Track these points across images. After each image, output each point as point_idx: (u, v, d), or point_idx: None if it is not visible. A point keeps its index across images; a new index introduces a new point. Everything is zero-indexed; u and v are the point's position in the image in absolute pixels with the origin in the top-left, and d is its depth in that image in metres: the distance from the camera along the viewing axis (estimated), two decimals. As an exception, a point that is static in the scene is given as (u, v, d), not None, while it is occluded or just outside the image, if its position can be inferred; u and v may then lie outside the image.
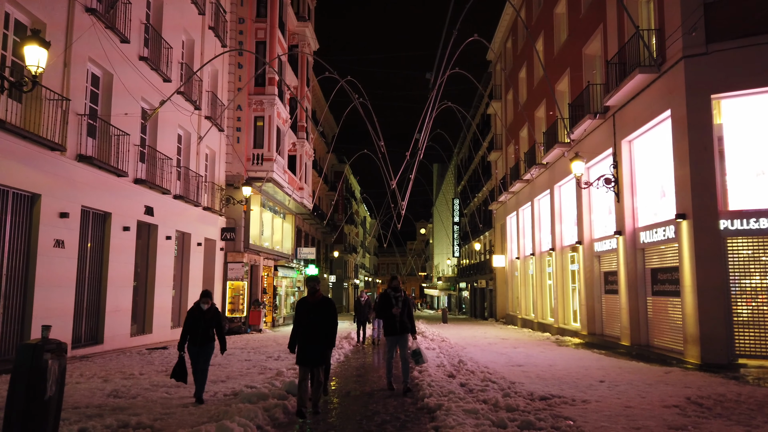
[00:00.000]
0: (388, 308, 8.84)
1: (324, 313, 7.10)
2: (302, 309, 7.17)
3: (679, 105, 12.97)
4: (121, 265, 15.30)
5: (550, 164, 23.75)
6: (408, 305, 8.96)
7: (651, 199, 15.33)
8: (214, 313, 7.81)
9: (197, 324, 7.64)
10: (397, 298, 8.91)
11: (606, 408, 7.36)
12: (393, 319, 8.80)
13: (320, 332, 7.02)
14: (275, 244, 30.39)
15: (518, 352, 15.23)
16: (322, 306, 7.13)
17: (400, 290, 9.08)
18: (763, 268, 12.12)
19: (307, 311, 7.07)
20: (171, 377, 7.70)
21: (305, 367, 7.06)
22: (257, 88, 25.40)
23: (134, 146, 15.96)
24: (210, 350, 7.81)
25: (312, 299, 7.16)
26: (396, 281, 9.21)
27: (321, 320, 7.03)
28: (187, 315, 7.80)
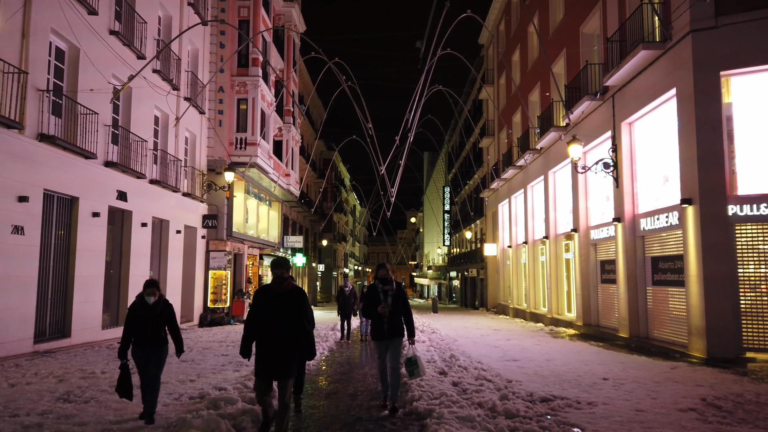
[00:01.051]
0: (375, 305, 6.91)
1: (294, 307, 5.33)
2: (263, 301, 5.36)
3: (686, 83, 12.16)
4: (92, 253, 14.32)
5: (545, 149, 22.95)
6: (402, 300, 6.98)
7: (652, 184, 14.57)
8: (164, 307, 6.29)
9: (144, 322, 6.14)
10: (386, 293, 6.93)
11: (616, 412, 6.58)
12: (380, 319, 6.88)
13: (290, 333, 5.29)
14: (261, 232, 29.43)
15: (512, 344, 14.48)
16: (292, 298, 5.36)
17: (390, 281, 7.01)
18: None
19: (271, 304, 5.30)
20: (116, 391, 6.22)
21: (266, 380, 5.26)
22: (240, 69, 24.31)
23: (104, 126, 14.92)
24: (162, 354, 6.28)
25: (279, 289, 5.37)
26: (384, 270, 7.08)
27: (291, 316, 5.29)
28: (128, 312, 6.29)
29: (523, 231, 27.54)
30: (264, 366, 5.23)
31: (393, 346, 6.95)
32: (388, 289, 6.97)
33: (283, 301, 5.32)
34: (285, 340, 5.23)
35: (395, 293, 6.95)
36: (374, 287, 7.04)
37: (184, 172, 20.74)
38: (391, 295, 6.91)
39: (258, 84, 24.05)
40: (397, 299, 6.93)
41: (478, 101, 40.39)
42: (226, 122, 23.74)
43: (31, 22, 11.94)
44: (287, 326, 5.28)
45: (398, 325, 6.94)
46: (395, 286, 7.02)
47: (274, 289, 5.37)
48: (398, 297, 6.96)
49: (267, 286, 5.47)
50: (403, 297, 7.02)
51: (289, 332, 5.28)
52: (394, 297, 6.92)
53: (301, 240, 35.94)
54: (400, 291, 7.02)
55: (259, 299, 5.40)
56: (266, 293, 5.39)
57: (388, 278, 7.02)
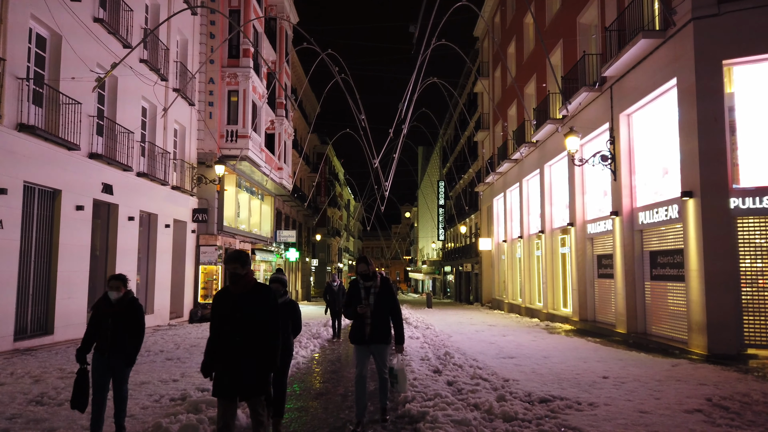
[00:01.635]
0: (355, 304, 5.97)
1: (256, 310, 4.29)
2: (220, 305, 4.38)
3: (687, 72, 11.83)
4: (75, 248, 13.89)
5: (540, 142, 22.62)
6: (387, 298, 5.98)
7: (651, 177, 14.26)
8: (128, 305, 5.38)
9: (104, 323, 5.28)
10: (369, 290, 5.96)
11: (618, 413, 6.26)
12: (361, 320, 5.93)
13: (252, 342, 4.25)
14: (253, 227, 29.02)
15: (508, 340, 14.18)
16: (254, 299, 4.32)
17: (372, 277, 6.02)
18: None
19: (229, 309, 4.30)
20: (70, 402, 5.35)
21: (230, 401, 4.25)
22: (231, 60, 23.83)
23: (88, 117, 14.46)
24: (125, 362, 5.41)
25: (236, 289, 4.34)
26: (364, 265, 6.04)
27: (252, 322, 4.27)
28: (92, 310, 5.52)
29: (518, 225, 27.24)
30: (227, 382, 4.19)
31: (377, 353, 5.97)
32: (370, 285, 5.99)
33: (244, 304, 4.29)
34: (250, 351, 4.24)
35: (380, 290, 5.98)
36: (355, 284, 6.13)
37: (173, 165, 20.29)
38: (374, 293, 5.94)
39: (249, 75, 23.58)
40: (382, 297, 5.96)
41: (473, 94, 40.01)
42: (217, 114, 23.28)
43: (9, 7, 11.46)
44: (251, 334, 4.25)
45: (383, 328, 5.94)
46: (379, 281, 6.03)
47: (231, 290, 4.36)
48: (384, 295, 5.98)
49: (225, 287, 4.47)
50: (390, 294, 6.02)
51: (254, 342, 4.24)
52: (377, 295, 5.94)
53: (294, 234, 35.53)
54: (385, 288, 6.03)
55: (217, 304, 4.42)
56: (223, 297, 4.41)
57: (369, 273, 6.01)
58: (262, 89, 25.97)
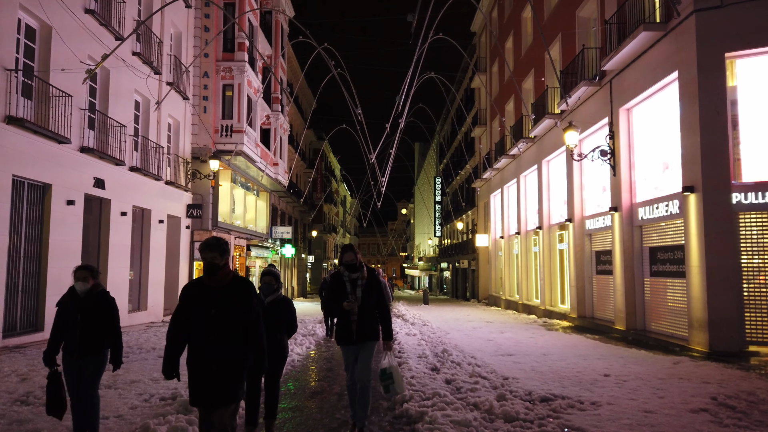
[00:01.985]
0: (340, 299, 5.38)
1: (234, 308, 3.77)
2: (191, 300, 3.81)
3: (689, 65, 11.64)
4: (66, 243, 13.63)
5: (538, 138, 22.43)
6: (376, 292, 5.43)
7: (651, 173, 14.09)
8: (99, 300, 4.77)
9: (71, 320, 4.73)
10: (355, 282, 5.41)
11: (622, 413, 6.08)
12: (347, 317, 5.36)
13: (227, 345, 3.73)
14: (248, 223, 28.77)
15: (506, 337, 14.00)
16: (232, 295, 3.79)
17: (358, 269, 5.44)
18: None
19: (203, 305, 3.76)
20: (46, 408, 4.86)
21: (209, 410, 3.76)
22: (226, 54, 23.53)
23: (80, 110, 14.18)
24: (97, 365, 4.81)
25: (212, 281, 3.79)
26: (350, 254, 5.46)
27: (229, 321, 3.74)
28: (57, 306, 4.96)
29: (515, 221, 27.08)
30: (199, 389, 3.72)
31: (364, 351, 5.37)
32: (357, 277, 5.41)
33: (220, 299, 3.75)
34: (224, 355, 3.71)
35: (367, 283, 5.40)
36: (339, 276, 5.48)
37: (166, 160, 20.02)
38: (361, 286, 5.38)
39: (244, 69, 23.30)
40: (369, 291, 5.39)
41: (470, 90, 39.79)
42: (211, 109, 22.99)
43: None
44: (227, 336, 3.72)
45: (370, 324, 5.39)
46: (366, 273, 5.45)
47: (206, 282, 3.80)
48: (371, 288, 5.41)
49: (198, 279, 3.87)
50: (377, 288, 5.46)
51: (230, 344, 3.72)
52: (365, 288, 5.38)
53: (290, 231, 35.29)
54: (373, 280, 5.44)
55: (188, 295, 3.82)
56: (197, 288, 3.83)
57: (355, 264, 5.44)
58: (257, 84, 25.69)
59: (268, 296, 5.49)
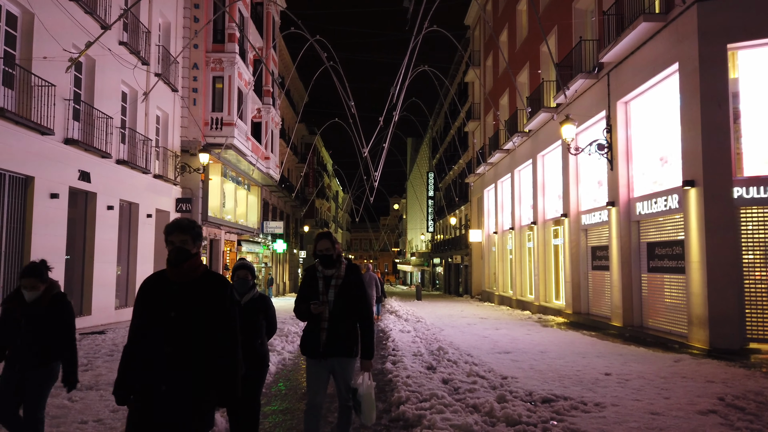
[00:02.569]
0: (309, 299, 4.32)
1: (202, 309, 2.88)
2: (149, 298, 2.95)
3: (690, 57, 11.38)
4: (49, 237, 13.21)
5: (533, 132, 22.18)
6: (353, 293, 4.33)
7: (650, 167, 13.85)
8: (51, 304, 4.10)
9: (15, 329, 4.05)
10: (329, 280, 4.33)
11: (629, 415, 5.82)
12: (315, 323, 4.30)
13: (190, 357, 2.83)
14: (239, 217, 28.35)
15: (502, 334, 13.75)
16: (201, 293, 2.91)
17: (335, 264, 4.36)
18: (781, 242, 10.77)
19: (163, 304, 2.88)
20: None
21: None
22: (216, 45, 23.07)
23: (64, 100, 13.74)
24: (44, 379, 4.12)
25: (177, 275, 2.91)
26: (326, 242, 4.33)
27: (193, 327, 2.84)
28: (0, 306, 4.32)
29: (509, 217, 26.85)
30: (144, 416, 2.78)
31: (339, 370, 4.27)
32: (331, 274, 4.33)
33: (186, 298, 2.84)
34: (181, 374, 2.76)
35: (343, 283, 4.31)
36: (312, 271, 4.41)
37: (155, 153, 19.58)
38: (336, 285, 4.29)
39: (235, 61, 22.86)
40: (345, 293, 4.28)
41: (464, 84, 39.50)
42: (201, 101, 22.54)
43: (-25, -19, 10.73)
44: (191, 345, 2.79)
45: (347, 335, 4.25)
46: (344, 269, 4.38)
47: (169, 276, 2.91)
48: (348, 289, 4.30)
49: (159, 272, 3.01)
50: (358, 288, 4.35)
51: (193, 357, 2.79)
52: (340, 288, 4.29)
53: (282, 225, 34.89)
54: (352, 277, 4.36)
55: (145, 295, 2.93)
56: (156, 285, 2.93)
57: (331, 256, 4.31)
58: (248, 76, 25.24)
59: (243, 294, 4.63)
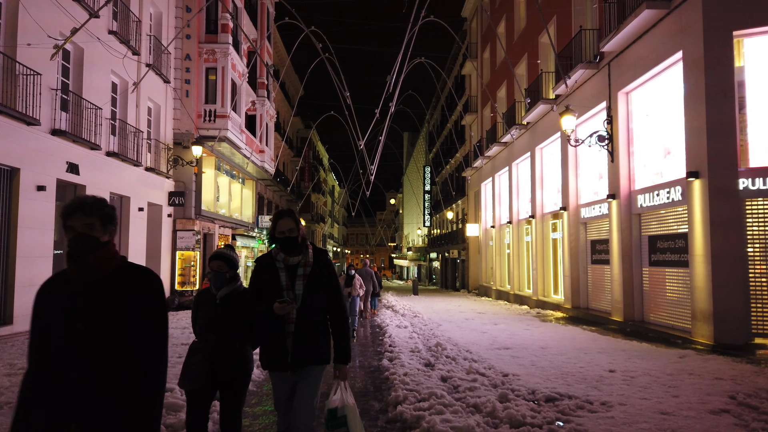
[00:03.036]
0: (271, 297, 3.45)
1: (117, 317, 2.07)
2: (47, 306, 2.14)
3: (695, 45, 11.08)
4: (37, 231, 12.85)
5: (531, 124, 21.87)
6: (329, 288, 3.55)
7: (651, 158, 13.57)
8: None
9: None
10: (293, 270, 3.49)
11: (638, 415, 5.53)
12: (279, 327, 3.44)
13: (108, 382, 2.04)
14: (233, 211, 27.99)
15: (500, 329, 13.48)
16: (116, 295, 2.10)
17: (300, 249, 3.51)
18: (787, 235, 10.50)
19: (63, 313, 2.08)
20: None
21: None
22: (209, 35, 22.64)
23: (50, 90, 13.35)
24: None
25: (82, 272, 2.12)
26: (287, 222, 3.50)
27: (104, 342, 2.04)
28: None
29: (507, 210, 26.57)
30: None
31: (303, 382, 3.42)
32: (297, 262, 3.46)
33: (92, 303, 2.09)
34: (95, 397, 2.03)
35: (312, 272, 3.47)
36: (269, 261, 3.51)
37: (146, 146, 19.18)
38: (305, 275, 3.44)
39: (228, 52, 22.43)
40: (315, 285, 3.45)
41: (461, 77, 39.13)
42: (194, 93, 22.13)
43: (-45, -36, 10.32)
44: (103, 367, 2.05)
45: (316, 339, 3.43)
46: (312, 255, 3.51)
47: (69, 275, 2.16)
48: (318, 280, 3.47)
49: (61, 272, 2.23)
50: (328, 278, 3.52)
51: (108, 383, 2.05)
52: (309, 278, 3.45)
53: (277, 220, 34.47)
54: (322, 264, 3.52)
55: (42, 304, 2.16)
56: (57, 289, 2.17)
57: (295, 240, 3.43)
58: (242, 67, 24.82)
59: (219, 289, 3.85)
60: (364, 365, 9.04)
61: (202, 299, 3.96)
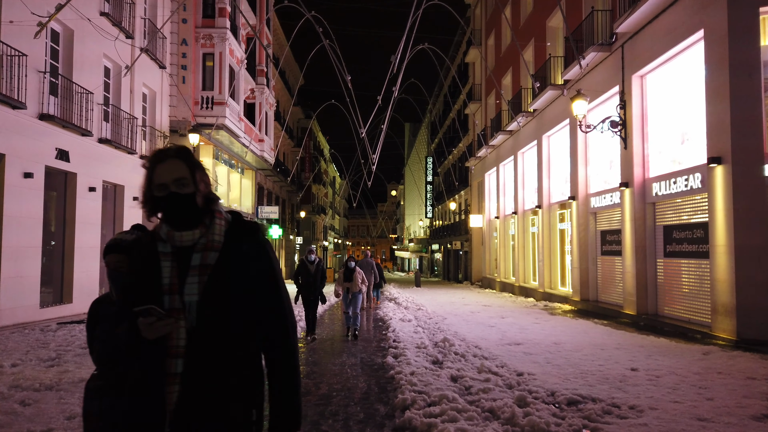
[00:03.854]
0: (140, 301, 1.81)
1: None
2: None
3: (718, 22, 10.41)
4: (24, 220, 12.28)
5: (539, 111, 21.21)
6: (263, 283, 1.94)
7: (668, 145, 12.94)
8: None
9: None
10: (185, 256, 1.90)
11: (673, 422, 4.97)
12: (153, 361, 1.82)
13: None
14: (232, 202, 27.40)
15: (508, 323, 12.92)
16: None
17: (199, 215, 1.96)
18: (816, 224, 9.89)
19: None
20: None
21: None
22: (206, 20, 21.96)
23: (38, 73, 12.73)
24: None
25: None
26: (175, 164, 1.95)
27: None
28: None
29: (512, 201, 25.95)
30: None
31: None
32: (193, 243, 1.93)
33: None
34: None
35: (222, 260, 1.91)
36: (147, 242, 2.01)
37: (141, 133, 18.58)
38: (204, 267, 1.89)
39: (226, 37, 21.76)
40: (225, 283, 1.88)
41: (464, 65, 38.40)
42: (190, 79, 21.49)
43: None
44: None
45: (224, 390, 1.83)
46: (222, 230, 1.98)
47: None
48: (232, 275, 1.90)
49: None
50: (258, 274, 1.95)
51: None
52: (214, 274, 1.88)
53: (277, 211, 33.92)
54: (246, 248, 1.97)
55: None
56: None
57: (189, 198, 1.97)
58: (240, 53, 24.14)
59: None
60: (367, 362, 8.49)
61: (100, 312, 2.62)
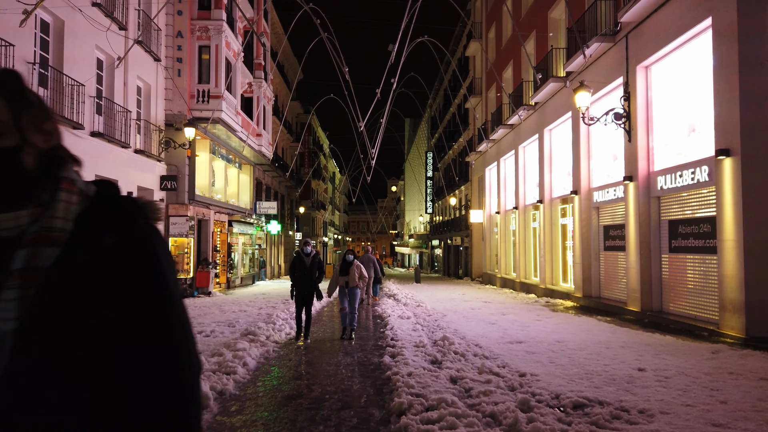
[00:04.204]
0: None
1: None
2: None
3: (727, 9, 10.07)
4: (12, 216, 11.95)
5: (540, 105, 20.86)
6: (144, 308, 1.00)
7: (673, 137, 12.61)
8: None
9: None
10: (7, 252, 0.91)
11: (686, 427, 4.66)
12: None
13: None
14: (230, 197, 27.08)
15: (509, 320, 12.62)
16: None
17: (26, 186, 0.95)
18: (828, 218, 9.57)
19: None
20: None
21: None
22: (202, 12, 21.58)
23: (26, 64, 12.38)
24: None
25: None
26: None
27: None
28: None
29: (513, 196, 25.62)
30: None
31: None
32: (18, 232, 0.94)
33: None
34: None
35: (64, 263, 0.93)
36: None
37: (136, 127, 18.23)
38: (31, 272, 0.91)
39: (222, 29, 21.39)
40: (64, 305, 0.92)
41: (464, 59, 38.00)
42: (186, 72, 21.11)
43: None
44: None
45: None
46: (71, 211, 0.98)
47: None
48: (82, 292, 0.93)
49: None
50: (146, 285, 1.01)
51: None
52: (47, 287, 0.91)
53: (276, 206, 33.60)
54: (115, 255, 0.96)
55: None
56: None
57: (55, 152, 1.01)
58: (237, 46, 23.77)
59: None
60: (363, 362, 8.19)
61: None
